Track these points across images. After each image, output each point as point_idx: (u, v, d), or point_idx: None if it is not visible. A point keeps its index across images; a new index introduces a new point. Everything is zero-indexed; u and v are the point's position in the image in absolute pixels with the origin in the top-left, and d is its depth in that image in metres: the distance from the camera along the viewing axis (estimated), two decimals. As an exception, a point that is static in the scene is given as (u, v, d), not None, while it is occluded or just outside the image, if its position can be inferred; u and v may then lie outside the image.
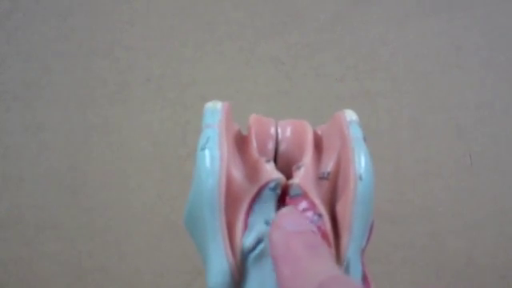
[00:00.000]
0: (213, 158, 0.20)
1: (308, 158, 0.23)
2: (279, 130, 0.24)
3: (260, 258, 0.20)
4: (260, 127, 0.24)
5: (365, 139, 0.22)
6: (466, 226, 0.58)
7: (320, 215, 0.21)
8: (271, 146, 0.24)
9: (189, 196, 0.21)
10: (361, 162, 0.21)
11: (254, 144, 0.23)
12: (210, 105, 0.23)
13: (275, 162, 0.23)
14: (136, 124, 0.61)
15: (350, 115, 0.23)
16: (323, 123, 0.26)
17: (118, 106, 0.61)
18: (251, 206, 0.21)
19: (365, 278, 0.22)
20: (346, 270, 0.21)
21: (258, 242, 0.20)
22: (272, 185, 0.21)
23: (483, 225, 0.58)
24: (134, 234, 0.59)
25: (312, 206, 0.21)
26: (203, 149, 0.21)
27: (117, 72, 0.62)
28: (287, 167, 0.23)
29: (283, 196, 0.22)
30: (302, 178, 0.22)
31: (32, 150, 0.61)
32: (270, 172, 0.22)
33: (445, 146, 0.59)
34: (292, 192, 0.22)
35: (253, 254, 0.20)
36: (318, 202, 0.22)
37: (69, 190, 0.60)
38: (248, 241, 0.20)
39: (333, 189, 0.22)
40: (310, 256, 0.18)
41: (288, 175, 0.22)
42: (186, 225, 0.22)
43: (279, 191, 0.22)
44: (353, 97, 0.60)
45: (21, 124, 0.62)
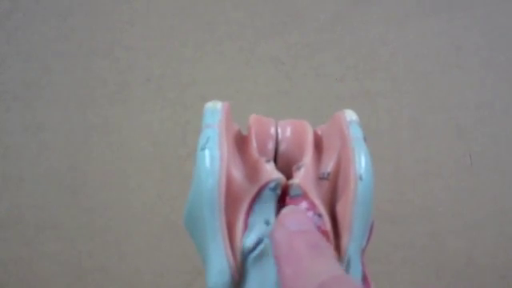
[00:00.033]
0: (213, 157, 0.20)
1: (308, 158, 0.23)
2: (279, 130, 0.24)
3: (260, 258, 0.20)
4: (260, 127, 0.24)
5: (365, 139, 0.22)
6: (466, 226, 0.58)
7: (320, 215, 0.21)
8: (271, 146, 0.24)
9: (189, 196, 0.21)
10: (361, 162, 0.21)
11: (254, 144, 0.23)
12: (209, 105, 0.23)
13: (275, 162, 0.23)
14: (136, 124, 0.61)
15: (350, 115, 0.23)
16: (323, 123, 0.26)
17: (118, 106, 0.61)
18: (251, 206, 0.21)
19: (365, 278, 0.22)
20: (347, 270, 0.21)
21: (258, 242, 0.20)
22: (272, 185, 0.21)
23: (483, 225, 0.58)
24: (134, 234, 0.59)
25: (312, 206, 0.21)
26: (203, 149, 0.21)
27: (117, 72, 0.62)
28: (287, 167, 0.23)
29: (283, 196, 0.22)
30: (302, 178, 0.22)
31: (32, 150, 0.61)
32: (270, 172, 0.22)
33: (445, 146, 0.59)
34: (292, 192, 0.22)
35: (253, 255, 0.20)
36: (318, 202, 0.21)
37: (69, 190, 0.60)
38: (248, 241, 0.20)
39: (333, 189, 0.22)
40: (312, 256, 0.18)
41: (288, 175, 0.22)
42: (186, 225, 0.22)
43: (279, 191, 0.22)
44: (353, 97, 0.60)
45: (21, 124, 0.62)
